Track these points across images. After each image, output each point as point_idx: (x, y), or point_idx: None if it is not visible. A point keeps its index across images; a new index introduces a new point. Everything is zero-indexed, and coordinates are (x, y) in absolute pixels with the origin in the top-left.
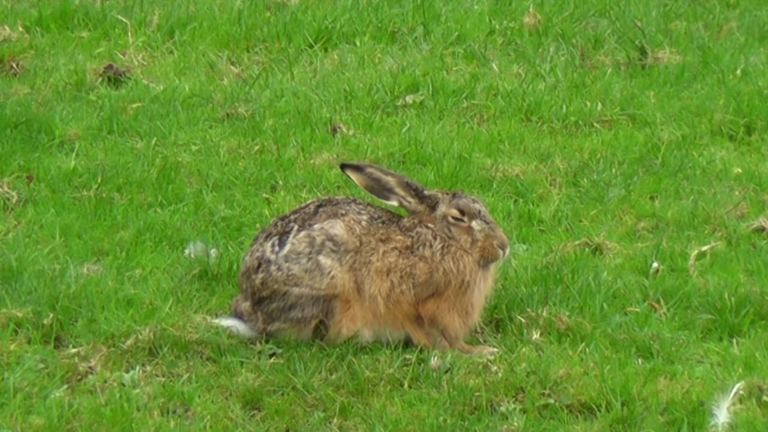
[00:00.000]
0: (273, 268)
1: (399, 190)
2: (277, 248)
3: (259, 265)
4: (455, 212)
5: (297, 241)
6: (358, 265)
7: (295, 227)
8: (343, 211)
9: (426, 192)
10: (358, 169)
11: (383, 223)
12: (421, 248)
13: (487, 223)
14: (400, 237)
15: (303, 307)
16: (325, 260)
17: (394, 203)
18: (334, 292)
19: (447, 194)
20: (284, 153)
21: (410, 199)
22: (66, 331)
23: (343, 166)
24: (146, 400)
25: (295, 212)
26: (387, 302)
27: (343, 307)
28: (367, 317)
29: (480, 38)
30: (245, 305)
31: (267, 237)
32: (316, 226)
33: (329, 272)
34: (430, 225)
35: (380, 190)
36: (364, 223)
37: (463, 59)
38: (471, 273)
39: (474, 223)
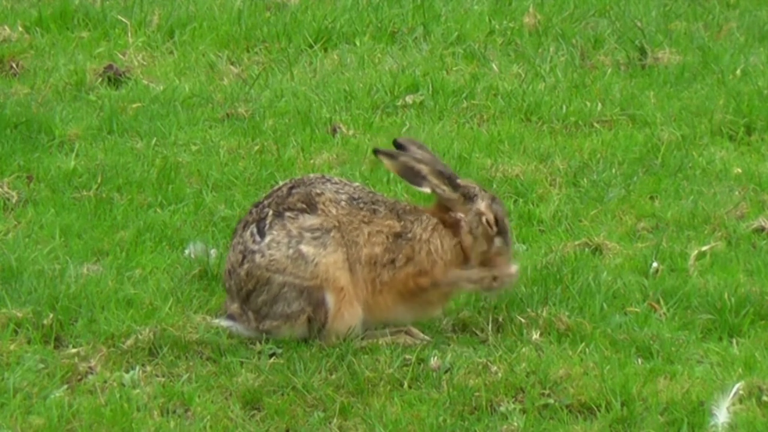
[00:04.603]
0: (257, 256)
1: (432, 178)
2: (257, 237)
3: (244, 258)
4: (492, 218)
5: (275, 232)
6: (347, 242)
7: (270, 212)
8: (318, 191)
9: (459, 181)
10: (391, 157)
11: (365, 203)
12: (410, 231)
13: (506, 244)
14: (388, 222)
15: (289, 301)
16: (307, 248)
17: (427, 190)
18: (317, 282)
19: (485, 192)
20: (284, 153)
21: (444, 187)
22: (66, 331)
23: (377, 152)
24: (146, 400)
25: (268, 196)
26: (375, 288)
27: (338, 296)
28: (360, 297)
29: (480, 38)
30: (234, 307)
31: (245, 226)
32: (289, 225)
33: (313, 260)
34: (460, 215)
35: (413, 177)
36: (343, 203)
37: (463, 59)
38: (452, 253)
39: (497, 240)
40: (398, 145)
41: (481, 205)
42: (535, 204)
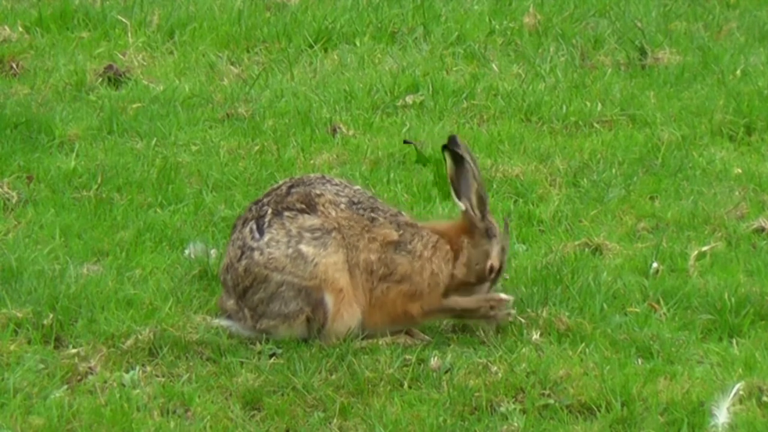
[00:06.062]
0: (256, 253)
1: (474, 197)
2: (256, 235)
3: (242, 254)
4: (497, 267)
5: (275, 231)
6: (348, 245)
7: (269, 210)
8: (318, 191)
9: (487, 215)
10: (459, 158)
11: (364, 209)
12: (410, 243)
13: (491, 289)
14: (386, 231)
15: (286, 301)
16: (307, 248)
17: (462, 206)
18: (316, 283)
19: (499, 237)
20: (284, 153)
21: (477, 211)
22: (66, 331)
23: (449, 146)
24: (146, 400)
25: (267, 194)
26: (370, 300)
27: (337, 297)
28: (360, 300)
29: (480, 38)
30: (230, 303)
31: (244, 223)
32: (289, 224)
33: (313, 260)
34: (468, 242)
35: (461, 185)
36: (343, 206)
37: (463, 59)
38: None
39: (486, 285)
40: (456, 148)
41: (494, 249)
42: (535, 204)
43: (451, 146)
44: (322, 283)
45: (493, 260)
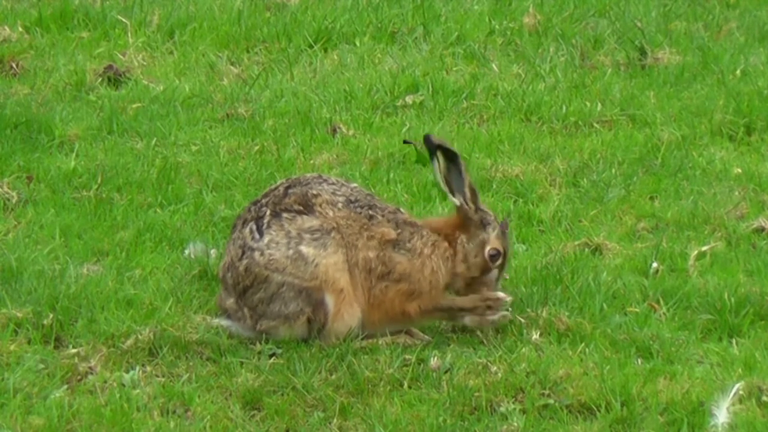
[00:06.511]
0: (256, 254)
1: (467, 191)
2: (257, 235)
3: (243, 253)
4: (501, 250)
5: (274, 232)
6: (347, 244)
7: (268, 211)
8: (315, 192)
9: (480, 205)
10: (452, 156)
11: (362, 207)
12: (408, 241)
13: (500, 278)
14: (384, 229)
15: (286, 301)
16: (307, 249)
17: (456, 201)
18: (317, 283)
19: (497, 222)
20: (284, 153)
21: (471, 204)
22: (66, 331)
23: (440, 146)
24: (146, 400)
25: (265, 195)
26: (368, 299)
27: (338, 297)
28: (360, 300)
29: (480, 38)
30: (229, 302)
31: (244, 223)
32: (288, 225)
33: (313, 260)
34: (463, 237)
35: (454, 182)
36: (340, 205)
37: (463, 59)
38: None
39: (494, 272)
40: (446, 145)
41: (491, 235)
42: (535, 204)
43: (441, 144)
44: (323, 283)
45: (493, 245)
